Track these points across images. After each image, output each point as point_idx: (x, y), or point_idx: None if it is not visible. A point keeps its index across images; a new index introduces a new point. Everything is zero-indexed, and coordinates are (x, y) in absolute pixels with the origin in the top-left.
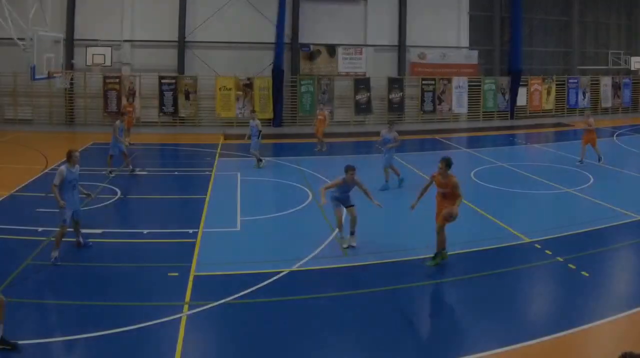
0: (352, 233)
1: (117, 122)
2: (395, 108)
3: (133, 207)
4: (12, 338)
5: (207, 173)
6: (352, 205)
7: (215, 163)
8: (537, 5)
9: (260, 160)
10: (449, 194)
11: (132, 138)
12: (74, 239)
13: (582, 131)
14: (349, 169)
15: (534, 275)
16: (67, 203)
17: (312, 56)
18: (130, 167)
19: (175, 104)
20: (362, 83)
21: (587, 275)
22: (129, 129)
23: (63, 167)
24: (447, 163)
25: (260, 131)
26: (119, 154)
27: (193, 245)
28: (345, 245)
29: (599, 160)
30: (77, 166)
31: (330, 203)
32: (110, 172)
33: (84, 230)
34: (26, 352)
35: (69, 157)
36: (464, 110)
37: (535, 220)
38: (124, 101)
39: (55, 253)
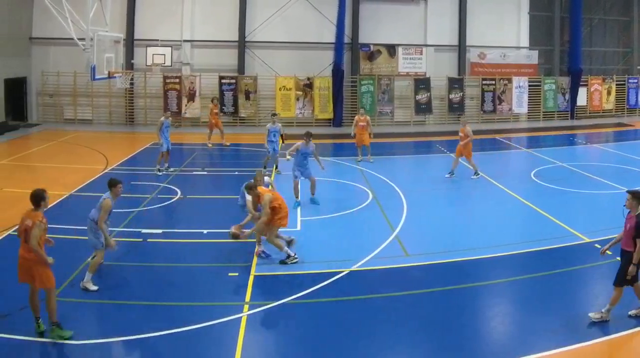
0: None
1: (162, 119)
2: (456, 108)
3: (193, 207)
4: (73, 338)
5: (267, 173)
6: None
7: (276, 163)
8: (596, 5)
9: (276, 166)
10: None
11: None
12: (135, 239)
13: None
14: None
15: (593, 275)
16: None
17: (372, 56)
18: (158, 166)
19: (235, 103)
20: (422, 83)
21: None
22: (221, 129)
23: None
24: None
25: (282, 135)
26: (166, 149)
27: (253, 245)
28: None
29: (475, 173)
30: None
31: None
32: (163, 169)
33: (144, 230)
34: (88, 352)
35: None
36: (524, 110)
37: (595, 220)
38: (204, 103)
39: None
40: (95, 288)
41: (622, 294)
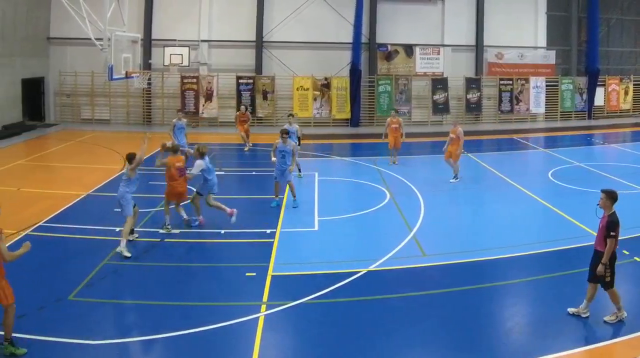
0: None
1: (174, 120)
2: (473, 108)
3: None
4: (90, 338)
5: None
6: None
7: (293, 163)
8: (613, 5)
9: (299, 170)
10: None
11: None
12: (152, 239)
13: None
14: None
15: None
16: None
17: (389, 56)
18: None
19: (253, 103)
20: (439, 83)
21: None
22: (247, 133)
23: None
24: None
25: (300, 137)
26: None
27: (270, 245)
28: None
29: (454, 177)
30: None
31: None
32: None
33: (161, 230)
34: (106, 352)
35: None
36: (541, 110)
37: None
38: (242, 108)
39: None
40: (129, 254)
41: (617, 291)
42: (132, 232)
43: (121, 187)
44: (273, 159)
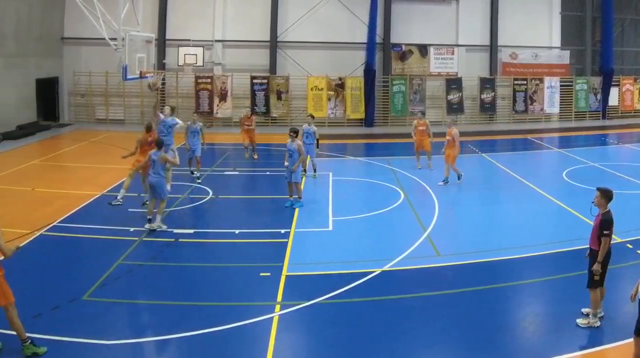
0: None
1: (189, 123)
2: (487, 108)
3: (224, 207)
4: (104, 338)
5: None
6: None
7: (307, 163)
8: (628, 5)
9: (315, 170)
10: None
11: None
12: (167, 239)
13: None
14: None
15: (625, 275)
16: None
17: (403, 56)
18: (197, 173)
19: (267, 103)
20: (453, 83)
21: None
22: (252, 143)
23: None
24: None
25: (318, 138)
26: (200, 154)
27: (285, 245)
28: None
29: (458, 178)
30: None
31: None
32: (192, 172)
33: (176, 230)
34: (120, 352)
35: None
36: (555, 110)
37: (628, 220)
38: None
39: None
40: (165, 226)
41: (599, 294)
42: (149, 221)
43: (154, 174)
44: (286, 163)
